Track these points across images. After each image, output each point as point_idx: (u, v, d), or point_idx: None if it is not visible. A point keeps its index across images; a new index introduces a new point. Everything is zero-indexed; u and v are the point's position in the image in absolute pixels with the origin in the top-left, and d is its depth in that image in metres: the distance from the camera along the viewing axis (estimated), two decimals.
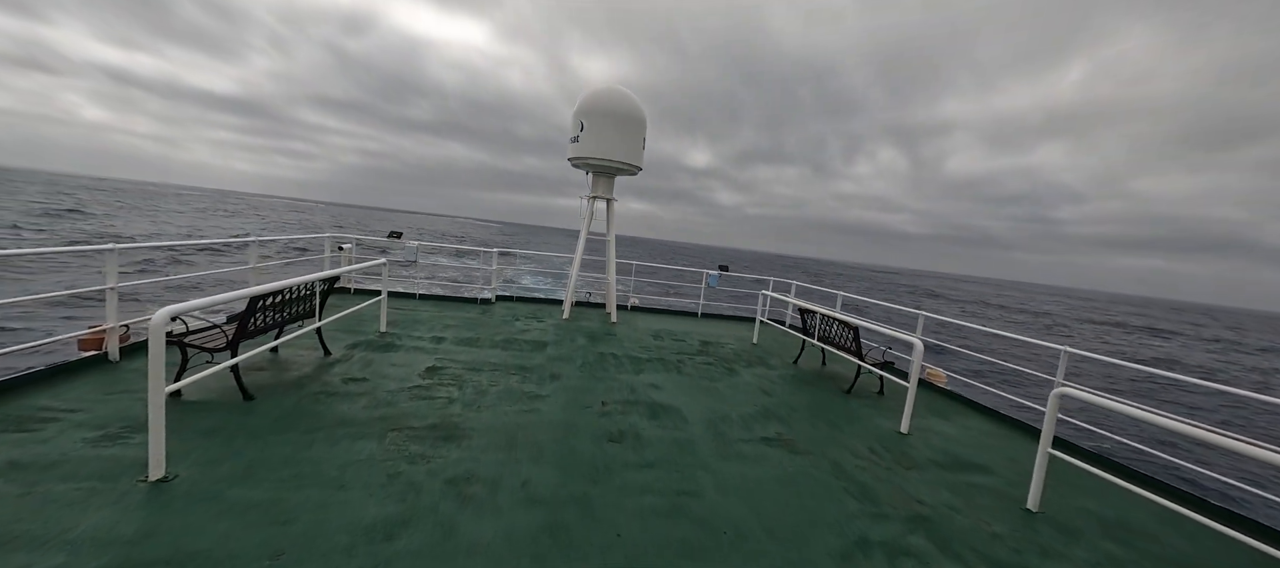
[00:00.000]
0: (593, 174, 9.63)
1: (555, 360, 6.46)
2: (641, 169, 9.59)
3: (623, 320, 9.88)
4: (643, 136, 9.41)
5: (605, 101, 8.99)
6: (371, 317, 7.75)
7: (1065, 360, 5.49)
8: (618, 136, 9.02)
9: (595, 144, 8.99)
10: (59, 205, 48.20)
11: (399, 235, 9.49)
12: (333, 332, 6.70)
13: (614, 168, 9.20)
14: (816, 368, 7.73)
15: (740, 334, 9.75)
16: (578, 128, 9.10)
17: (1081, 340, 36.23)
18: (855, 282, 70.14)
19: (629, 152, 9.16)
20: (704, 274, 11.21)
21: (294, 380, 4.79)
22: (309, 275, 4.92)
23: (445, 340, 6.90)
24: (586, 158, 9.06)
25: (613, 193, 9.74)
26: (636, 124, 9.20)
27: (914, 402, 5.29)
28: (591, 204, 9.66)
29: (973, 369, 12.90)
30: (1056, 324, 55.01)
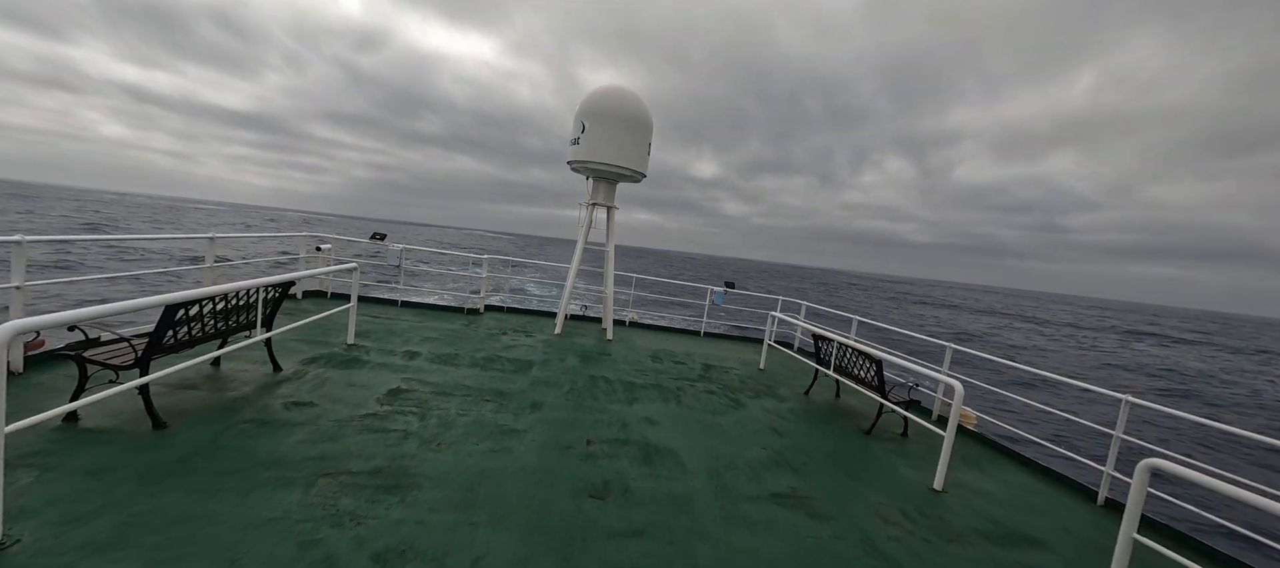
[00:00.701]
0: (593, 179, 8.97)
1: (539, 385, 5.74)
2: (645, 176, 8.92)
3: (620, 338, 9.16)
4: (648, 141, 8.75)
5: (609, 102, 8.36)
6: (342, 326, 7.07)
7: (1126, 412, 4.73)
8: (621, 140, 8.37)
9: (597, 147, 8.33)
10: (87, 220, 48.10)
11: (382, 237, 8.85)
12: (292, 342, 6.02)
13: (616, 173, 8.54)
14: (830, 400, 6.98)
15: (746, 358, 9.01)
16: (578, 129, 8.46)
17: (1105, 352, 34.84)
18: (864, 292, 68.77)
19: (633, 157, 8.50)
20: (708, 291, 10.50)
21: (226, 403, 4.09)
22: (254, 280, 4.24)
23: (419, 357, 6.20)
24: (587, 161, 8.40)
25: (614, 200, 9.08)
26: (642, 128, 8.55)
27: (949, 453, 4.54)
28: (590, 212, 8.99)
29: (1001, 404, 12.04)
30: (1080, 330, 53.60)
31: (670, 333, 10.42)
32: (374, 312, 8.41)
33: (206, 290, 3.65)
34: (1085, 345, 40.35)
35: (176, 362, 3.85)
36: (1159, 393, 22.69)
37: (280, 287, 4.72)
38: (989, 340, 34.41)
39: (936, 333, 37.40)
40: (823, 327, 7.27)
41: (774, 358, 8.98)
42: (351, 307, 6.23)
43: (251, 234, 7.55)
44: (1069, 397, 17.56)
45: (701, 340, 10.06)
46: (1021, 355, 28.10)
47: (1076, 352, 34.29)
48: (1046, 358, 29.60)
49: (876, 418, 5.85)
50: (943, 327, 40.20)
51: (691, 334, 10.56)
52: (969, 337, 33.36)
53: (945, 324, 42.31)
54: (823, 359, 6.99)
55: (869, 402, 7.04)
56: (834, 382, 7.31)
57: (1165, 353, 38.74)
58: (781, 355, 9.35)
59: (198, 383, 4.41)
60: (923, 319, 44.56)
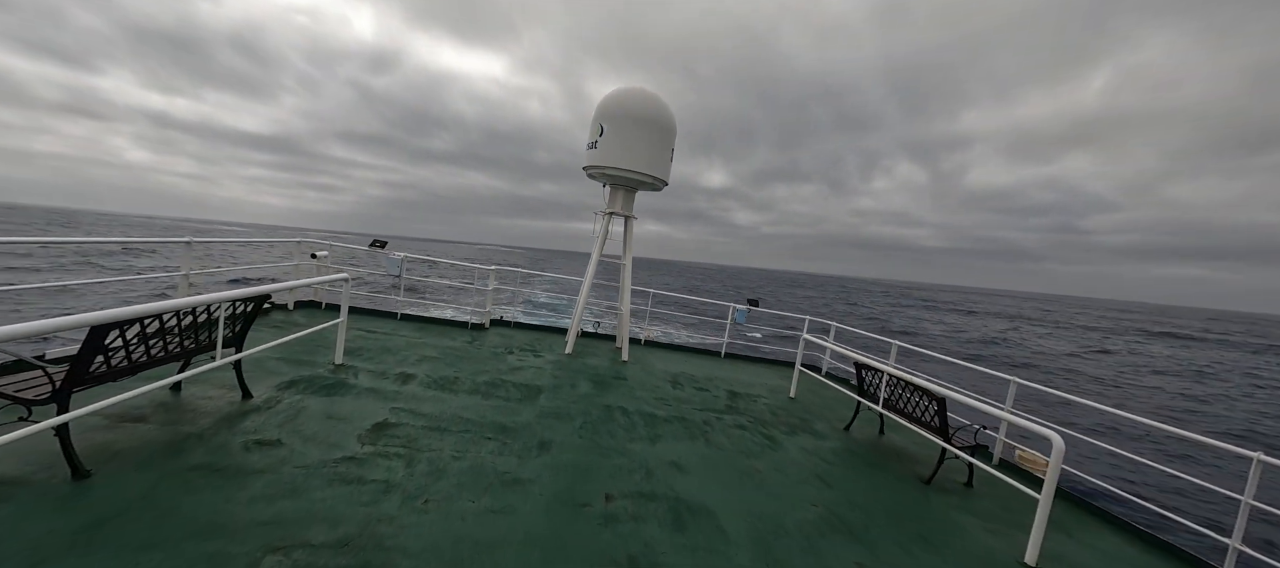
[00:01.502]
0: (610, 186, 8.30)
1: (548, 417, 5.01)
2: (667, 184, 8.24)
3: (635, 358, 8.43)
4: (671, 147, 8.09)
5: (630, 104, 7.71)
6: (333, 342, 6.44)
7: (1258, 473, 3.90)
8: (643, 144, 7.70)
9: (615, 151, 7.67)
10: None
11: (383, 245, 8.24)
12: (273, 361, 5.36)
13: (636, 180, 7.87)
14: (873, 438, 6.19)
15: (773, 383, 8.22)
16: (596, 131, 7.81)
17: (1151, 358, 32.49)
18: (878, 298, 66.40)
19: (655, 162, 7.83)
20: (731, 309, 9.75)
21: (173, 442, 3.41)
22: (217, 294, 3.59)
23: (413, 380, 5.50)
24: (604, 167, 7.74)
25: (633, 210, 8.40)
26: (664, 132, 7.89)
27: (1046, 521, 3.73)
28: (606, 222, 8.32)
29: (1075, 446, 10.88)
30: (1114, 331, 50.80)
31: (689, 354, 9.66)
32: (370, 326, 7.77)
33: (143, 308, 2.98)
34: (1139, 362, 36.88)
35: (122, 390, 3.18)
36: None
37: (252, 300, 4.06)
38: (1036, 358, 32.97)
39: (978, 346, 35.72)
40: (867, 355, 6.49)
41: (804, 385, 8.19)
42: (341, 322, 5.57)
43: (239, 239, 6.96)
44: (1162, 441, 14.16)
45: (723, 363, 9.30)
46: (1084, 383, 26.28)
47: (1135, 379, 30.76)
48: (1116, 387, 25.74)
49: (938, 465, 5.05)
50: (974, 335, 38.58)
51: (711, 355, 9.80)
52: (1022, 367, 31.93)
53: (978, 332, 40.66)
54: (866, 391, 6.21)
55: (919, 440, 6.23)
56: (878, 417, 6.51)
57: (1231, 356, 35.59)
58: (812, 382, 8.56)
59: (147, 414, 3.74)
60: (949, 326, 42.85)
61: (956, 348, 33.92)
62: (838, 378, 9.24)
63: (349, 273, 5.52)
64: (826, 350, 9.51)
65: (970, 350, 33.87)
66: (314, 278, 5.39)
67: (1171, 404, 21.22)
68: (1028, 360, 31.36)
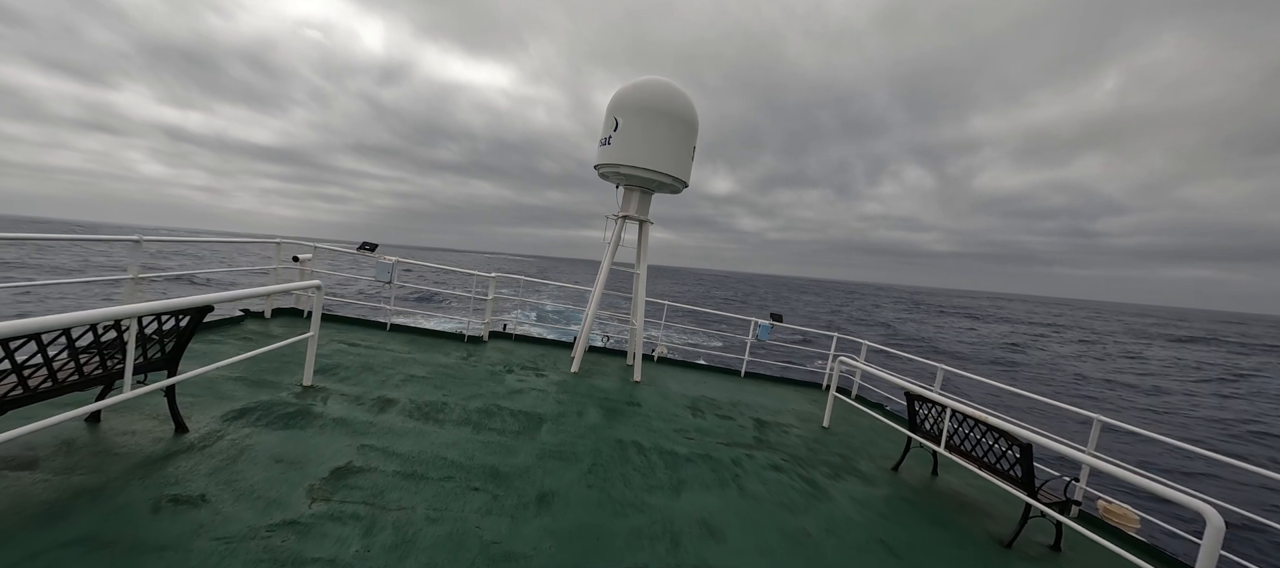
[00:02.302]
0: (624, 187, 7.50)
1: (550, 458, 4.17)
2: (687, 185, 7.44)
3: (649, 378, 7.59)
4: (692, 144, 7.29)
5: (648, 96, 6.92)
6: (317, 356, 5.68)
7: None
8: (662, 141, 6.90)
9: (631, 148, 6.88)
10: (161, 258, 48.30)
11: (372, 248, 7.48)
12: (229, 381, 4.58)
13: (654, 181, 7.06)
14: (924, 479, 5.32)
15: (802, 409, 7.35)
16: (610, 126, 7.02)
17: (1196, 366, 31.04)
18: (890, 304, 64.51)
19: (675, 161, 7.02)
20: (752, 324, 8.89)
21: (59, 500, 2.61)
22: (134, 306, 2.80)
23: (394, 406, 4.70)
24: (619, 165, 6.94)
25: (649, 213, 7.59)
26: (686, 127, 7.09)
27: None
28: (619, 227, 7.51)
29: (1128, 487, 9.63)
30: (1142, 335, 49.71)
31: (707, 373, 8.81)
32: (355, 338, 6.98)
33: (31, 323, 2.20)
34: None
35: (9, 425, 2.39)
36: None
37: (187, 313, 3.28)
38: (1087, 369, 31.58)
39: (1005, 350, 34.14)
40: (916, 382, 5.62)
41: (837, 411, 7.31)
42: (311, 336, 4.77)
43: (208, 239, 6.21)
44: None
45: (745, 384, 8.43)
46: (1132, 398, 24.61)
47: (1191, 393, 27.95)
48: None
49: (1020, 524, 4.16)
50: (993, 339, 37.04)
51: (731, 375, 8.93)
52: (1058, 379, 30.53)
53: (998, 337, 39.09)
54: (919, 425, 5.34)
55: (982, 482, 5.36)
56: (932, 456, 5.63)
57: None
58: (843, 408, 7.68)
59: (41, 457, 2.94)
60: (972, 333, 41.13)
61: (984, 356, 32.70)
62: (871, 403, 8.35)
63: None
64: (857, 373, 8.64)
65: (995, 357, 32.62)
66: (282, 284, 4.60)
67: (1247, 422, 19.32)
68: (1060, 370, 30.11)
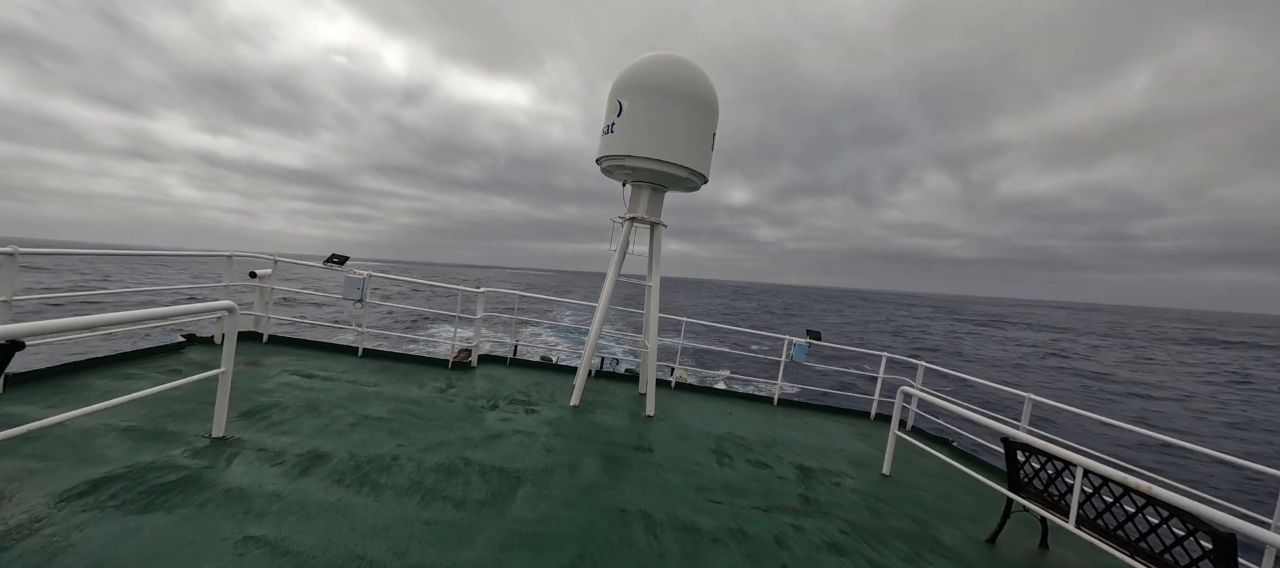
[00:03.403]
0: (632, 185, 6.35)
1: (519, 544, 2.97)
2: (707, 180, 6.25)
3: (664, 409, 6.35)
4: (712, 132, 6.12)
5: (660, 75, 5.78)
6: (253, 392, 4.64)
7: None
8: (676, 127, 5.74)
9: (639, 137, 5.73)
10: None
11: (342, 262, 6.46)
12: (122, 427, 3.54)
13: (665, 175, 5.89)
14: (1031, 554, 3.97)
15: (852, 447, 6.02)
16: (614, 112, 5.90)
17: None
18: (921, 313, 60.97)
19: (692, 151, 5.84)
20: (785, 343, 7.59)
21: None
22: None
23: (324, 464, 3.57)
24: (623, 157, 5.80)
25: (661, 215, 6.41)
26: (705, 111, 5.92)
27: None
28: (627, 231, 6.35)
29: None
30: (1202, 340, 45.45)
31: (733, 401, 7.52)
32: (315, 366, 5.93)
33: None
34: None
35: None
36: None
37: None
38: None
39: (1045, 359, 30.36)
40: (1031, 433, 4.28)
41: (895, 450, 5.95)
42: (222, 373, 3.68)
43: (146, 250, 5.27)
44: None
45: (778, 415, 7.12)
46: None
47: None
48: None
49: None
50: (1030, 348, 33.91)
51: (762, 403, 7.62)
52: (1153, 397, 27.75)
53: (1035, 346, 35.93)
54: (1026, 482, 3.99)
55: (1109, 559, 3.97)
56: (1041, 523, 4.25)
57: None
58: (901, 445, 6.32)
59: None
60: (1011, 342, 38.01)
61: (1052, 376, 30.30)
62: (930, 436, 6.95)
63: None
64: (914, 400, 7.25)
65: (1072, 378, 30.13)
66: (187, 306, 3.54)
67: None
68: (1165, 394, 27.60)
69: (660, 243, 6.47)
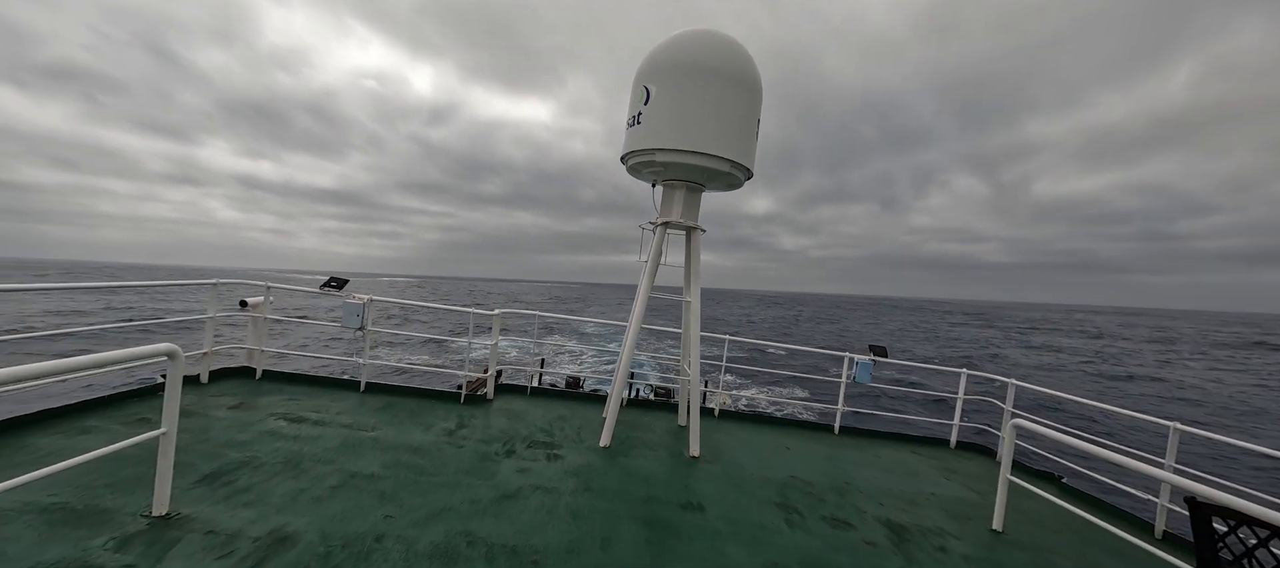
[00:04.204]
0: (663, 185, 5.48)
1: None
2: (752, 175, 5.33)
3: (710, 444, 5.40)
4: (757, 118, 5.21)
5: (695, 54, 4.90)
6: (218, 443, 3.90)
7: None
8: (715, 113, 4.84)
9: (673, 126, 4.85)
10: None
11: (339, 285, 5.76)
12: (34, 512, 2.80)
13: (705, 171, 4.99)
14: None
15: (942, 490, 4.95)
16: (640, 100, 5.05)
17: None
18: (957, 321, 57.54)
19: (733, 140, 4.93)
20: (846, 361, 6.54)
21: None
22: None
23: (284, 552, 2.75)
24: (654, 152, 4.93)
25: (698, 218, 5.51)
26: (746, 92, 5.02)
27: None
28: (661, 238, 5.46)
29: None
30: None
31: (786, 431, 6.49)
32: (310, 406, 5.19)
33: None
34: None
35: None
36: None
37: None
38: None
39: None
40: (1207, 484, 3.18)
41: (993, 489, 4.84)
42: (163, 434, 2.92)
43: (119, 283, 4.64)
44: None
45: (843, 446, 6.07)
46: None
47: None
48: None
49: None
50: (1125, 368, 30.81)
51: (821, 432, 6.58)
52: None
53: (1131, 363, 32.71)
54: (1233, 560, 2.89)
55: None
56: None
57: None
58: (990, 478, 5.20)
59: None
60: (1073, 351, 34.59)
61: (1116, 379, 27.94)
62: (1032, 471, 5.78)
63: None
64: (1008, 426, 6.10)
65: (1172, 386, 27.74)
66: (120, 353, 2.81)
67: None
68: None
69: (698, 251, 5.56)
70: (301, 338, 25.36)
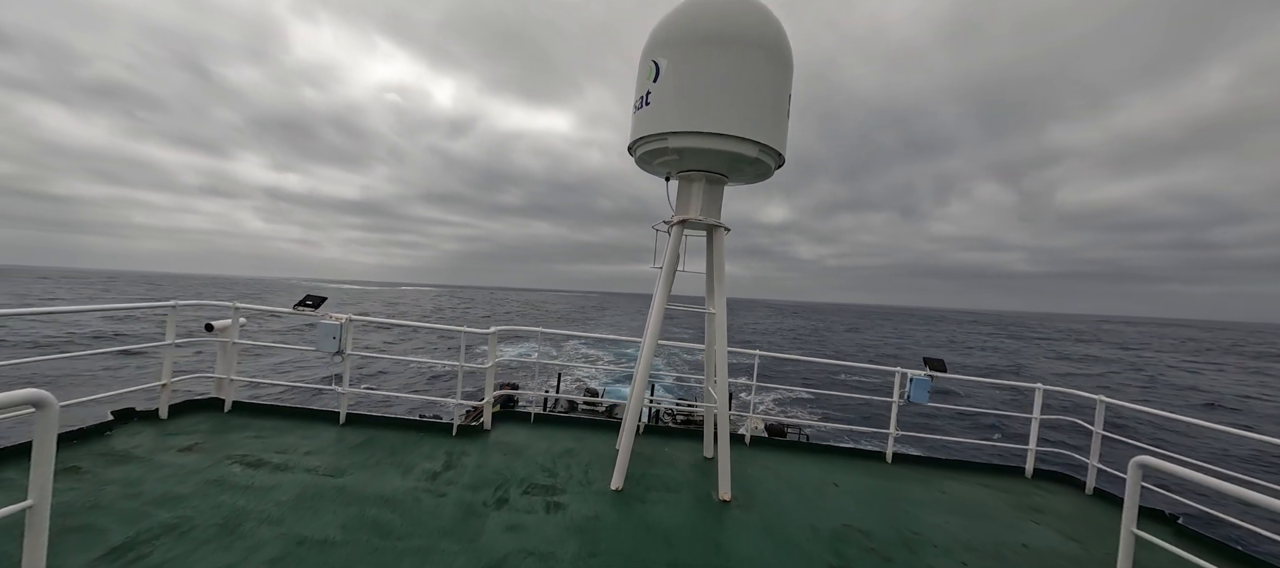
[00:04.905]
0: (679, 177, 4.69)
1: None
2: (784, 162, 4.52)
3: (743, 482, 4.55)
4: (788, 94, 4.40)
5: (710, 19, 4.12)
6: (157, 502, 3.21)
7: None
8: (736, 88, 4.06)
9: (687, 105, 4.08)
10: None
11: (316, 304, 5.09)
12: None
13: (728, 157, 4.19)
14: None
15: (1032, 537, 4.01)
16: (649, 76, 4.29)
17: None
18: (966, 328, 54.86)
19: (761, 119, 4.12)
20: (899, 377, 5.61)
21: None
22: None
23: None
24: (664, 137, 4.15)
25: (720, 215, 4.70)
26: (775, 62, 4.21)
27: None
28: (678, 239, 4.66)
29: None
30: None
31: (831, 461, 5.58)
32: (285, 442, 4.49)
33: None
34: None
35: None
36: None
37: None
38: None
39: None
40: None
41: (1109, 541, 3.88)
42: (29, 507, 2.22)
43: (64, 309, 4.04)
44: None
45: (899, 479, 5.15)
46: None
47: None
48: None
49: None
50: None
51: (871, 461, 5.66)
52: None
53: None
54: None
55: None
56: None
57: None
58: (1115, 535, 4.21)
59: None
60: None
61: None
62: (1151, 512, 4.74)
63: (33, 393, 2.19)
64: (1095, 450, 5.10)
65: None
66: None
67: None
68: None
69: (722, 254, 4.73)
70: (283, 361, 23.39)
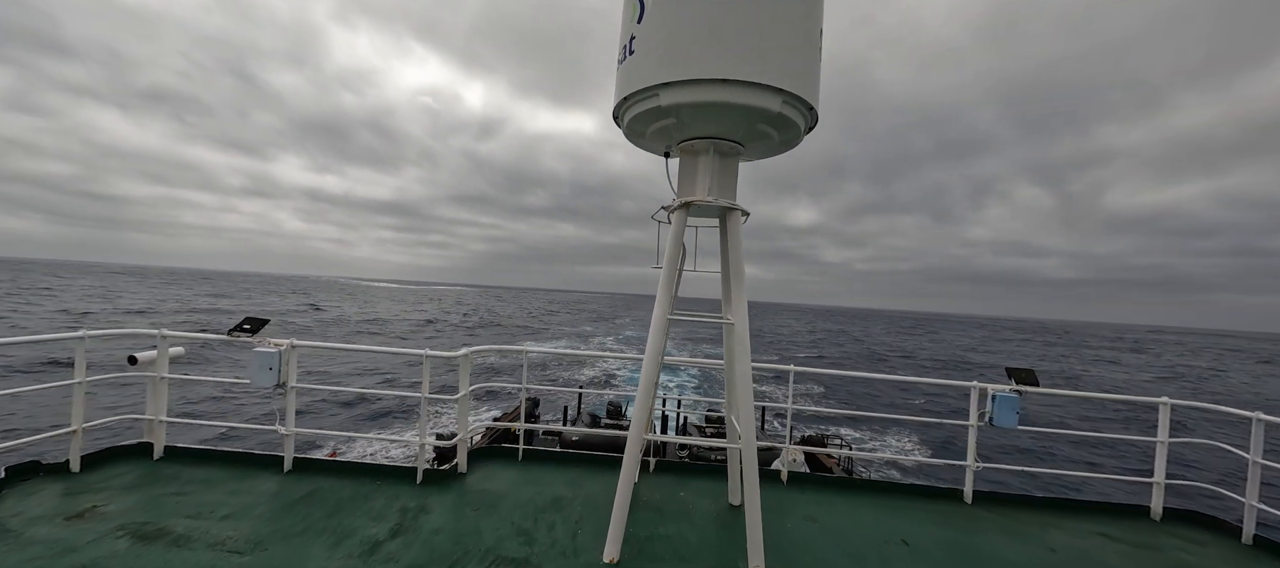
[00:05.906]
0: (682, 151, 3.65)
1: None
2: (816, 119, 3.45)
3: (779, 541, 3.46)
4: (819, 28, 3.33)
5: None
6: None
7: None
8: (752, 16, 3.03)
9: (684, 44, 3.05)
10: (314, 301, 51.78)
11: (254, 328, 4.26)
12: None
13: (743, 113, 3.11)
14: None
15: None
16: (633, 17, 3.29)
17: None
18: (1003, 336, 50.88)
19: (783, 60, 3.07)
20: (976, 395, 4.40)
21: None
22: None
23: None
24: (656, 90, 3.14)
25: (735, 195, 3.64)
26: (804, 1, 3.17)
27: None
28: (680, 226, 3.60)
29: None
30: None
31: (892, 499, 4.40)
32: (206, 498, 3.65)
33: None
34: None
35: None
36: None
37: None
38: None
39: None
40: None
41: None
42: None
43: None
44: None
45: (983, 527, 3.95)
46: None
47: None
48: None
49: None
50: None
51: (946, 502, 4.46)
52: None
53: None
54: None
55: None
56: None
57: None
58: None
59: None
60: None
61: None
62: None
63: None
64: (1252, 482, 3.82)
65: None
66: None
67: None
68: None
69: (740, 246, 3.66)
70: (235, 395, 19.25)
